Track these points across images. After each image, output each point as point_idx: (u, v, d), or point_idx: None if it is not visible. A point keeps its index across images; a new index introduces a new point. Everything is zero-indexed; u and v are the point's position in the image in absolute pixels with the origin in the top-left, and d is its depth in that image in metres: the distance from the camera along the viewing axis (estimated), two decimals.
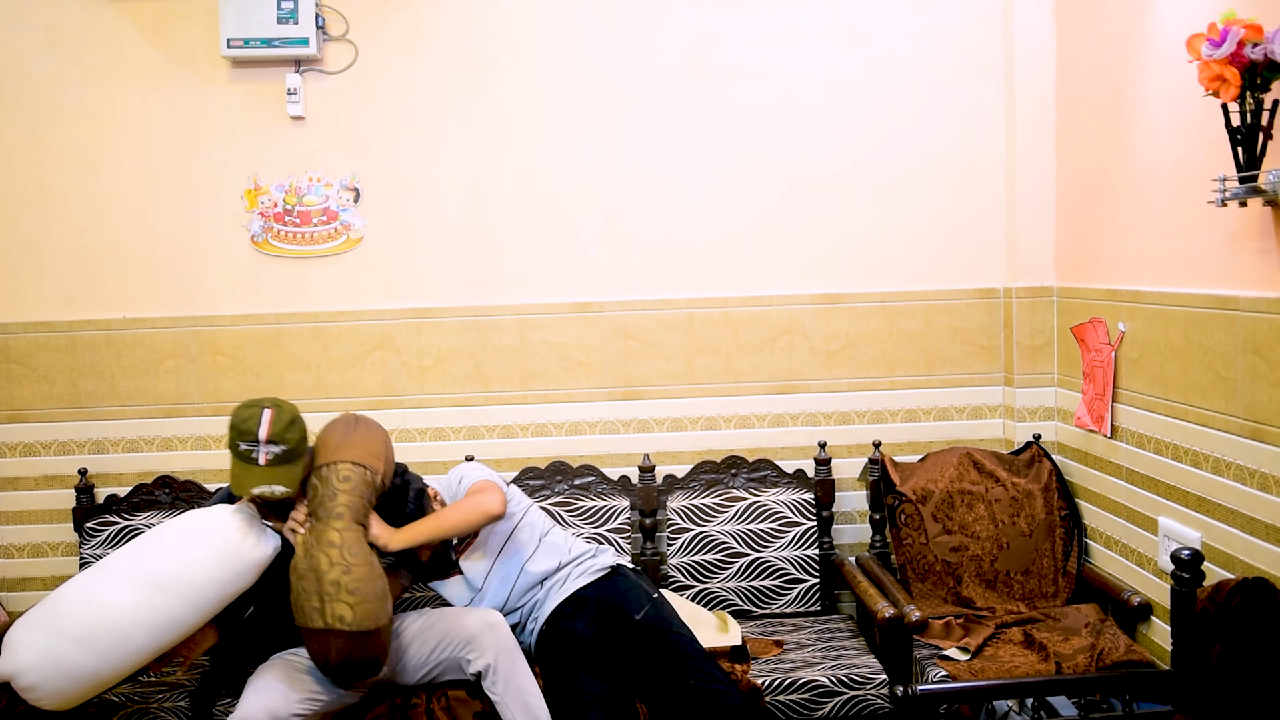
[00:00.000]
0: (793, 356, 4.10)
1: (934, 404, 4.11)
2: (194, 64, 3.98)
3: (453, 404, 4.08)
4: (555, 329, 4.07)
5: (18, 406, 4.03)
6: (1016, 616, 3.57)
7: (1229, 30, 2.52)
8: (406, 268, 4.06)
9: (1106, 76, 3.57)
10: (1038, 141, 3.97)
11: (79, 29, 3.96)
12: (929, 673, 3.26)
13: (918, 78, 4.04)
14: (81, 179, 4.00)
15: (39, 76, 3.97)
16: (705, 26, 4.03)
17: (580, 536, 3.71)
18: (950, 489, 3.83)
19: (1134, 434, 3.45)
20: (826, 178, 4.06)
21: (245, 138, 4.01)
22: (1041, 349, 4.01)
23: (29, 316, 4.02)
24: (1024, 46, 3.95)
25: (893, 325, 4.09)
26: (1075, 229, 3.86)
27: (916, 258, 4.09)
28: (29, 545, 4.06)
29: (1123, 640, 3.28)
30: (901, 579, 3.81)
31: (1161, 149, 3.26)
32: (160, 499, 3.97)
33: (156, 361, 4.04)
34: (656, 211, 4.07)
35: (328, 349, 4.06)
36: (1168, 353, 3.24)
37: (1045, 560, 3.76)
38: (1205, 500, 3.06)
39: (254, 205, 4.02)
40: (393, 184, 4.04)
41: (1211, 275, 3.02)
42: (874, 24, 4.03)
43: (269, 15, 3.84)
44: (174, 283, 4.03)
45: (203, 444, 4.05)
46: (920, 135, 4.05)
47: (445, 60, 4.01)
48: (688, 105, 4.05)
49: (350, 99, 4.01)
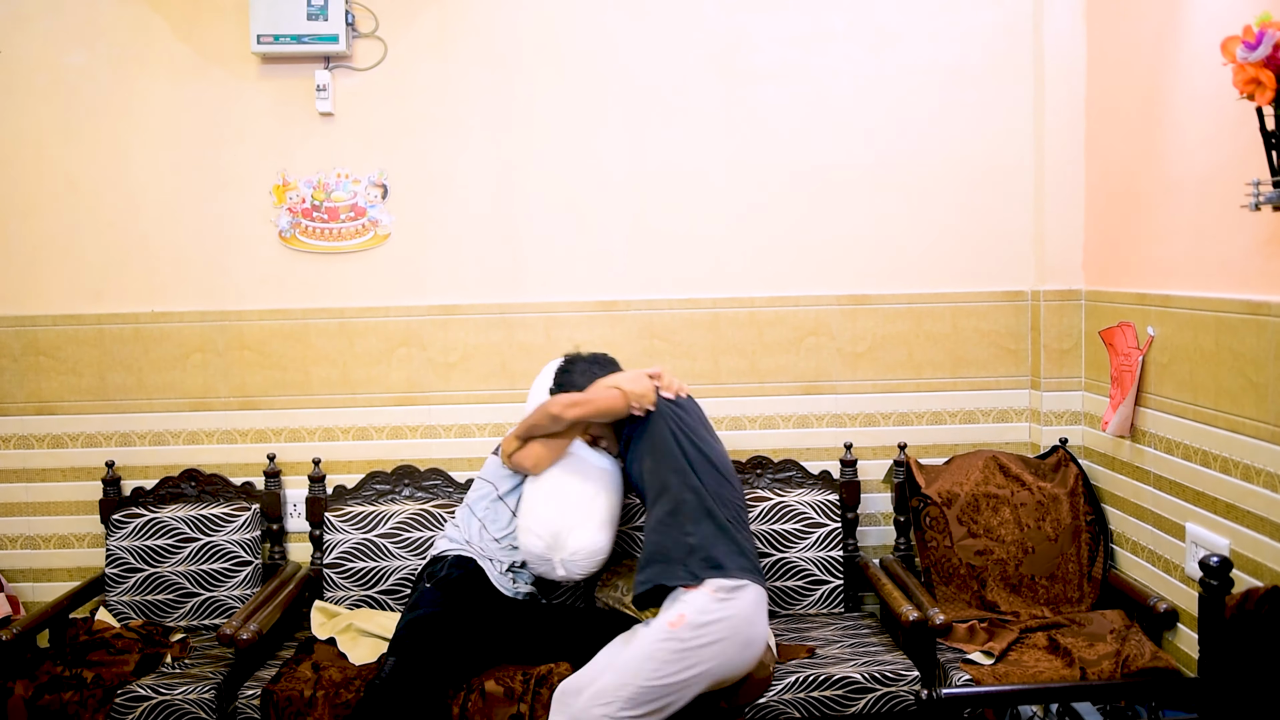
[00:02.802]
0: (819, 357, 4.09)
1: (960, 406, 4.09)
2: (224, 59, 4.00)
3: (479, 401, 4.08)
4: (581, 327, 4.08)
5: (46, 399, 4.06)
6: (1041, 621, 3.55)
7: (1265, 33, 2.49)
8: (433, 264, 4.07)
9: (1138, 78, 3.55)
10: (1067, 143, 3.94)
11: (111, 24, 3.98)
12: (953, 676, 3.24)
13: (946, 79, 4.03)
14: (111, 173, 4.02)
15: (71, 71, 4.00)
16: (733, 26, 4.03)
17: None
18: (975, 492, 3.81)
19: (1162, 439, 3.42)
20: (854, 178, 4.05)
21: (274, 133, 4.03)
22: (1069, 352, 3.99)
23: (58, 309, 4.05)
24: (1054, 48, 3.93)
25: (919, 327, 4.08)
26: (1104, 232, 3.84)
27: (944, 259, 4.07)
28: (55, 536, 4.09)
29: (1148, 647, 3.25)
30: (926, 582, 3.79)
31: (1193, 152, 3.23)
32: (186, 492, 3.99)
33: (184, 355, 4.06)
34: (683, 211, 4.06)
35: (354, 344, 4.07)
36: (1198, 358, 3.21)
37: (1070, 565, 3.74)
38: (1234, 507, 3.04)
39: (282, 201, 4.04)
40: (420, 181, 4.05)
41: (1243, 280, 3.00)
42: (903, 25, 4.02)
43: (299, 11, 3.86)
44: (202, 277, 4.06)
45: (229, 437, 4.08)
46: (949, 137, 4.03)
47: (474, 58, 4.02)
48: (716, 105, 4.04)
49: (379, 96, 4.03)
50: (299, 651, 3.55)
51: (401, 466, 4.04)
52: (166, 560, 3.85)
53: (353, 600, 3.83)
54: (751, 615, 3.05)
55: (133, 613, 3.83)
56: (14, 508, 4.08)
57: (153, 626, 3.75)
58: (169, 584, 3.84)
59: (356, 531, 3.87)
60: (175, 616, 3.84)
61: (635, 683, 2.95)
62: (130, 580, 3.84)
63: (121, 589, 3.84)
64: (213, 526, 3.89)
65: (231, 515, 3.92)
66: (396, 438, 4.09)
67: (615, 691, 2.94)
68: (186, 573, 3.85)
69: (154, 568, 3.84)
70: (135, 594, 3.84)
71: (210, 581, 3.85)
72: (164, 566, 3.85)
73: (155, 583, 3.84)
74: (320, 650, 3.54)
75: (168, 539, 3.86)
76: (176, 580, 3.84)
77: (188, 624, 3.84)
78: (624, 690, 2.94)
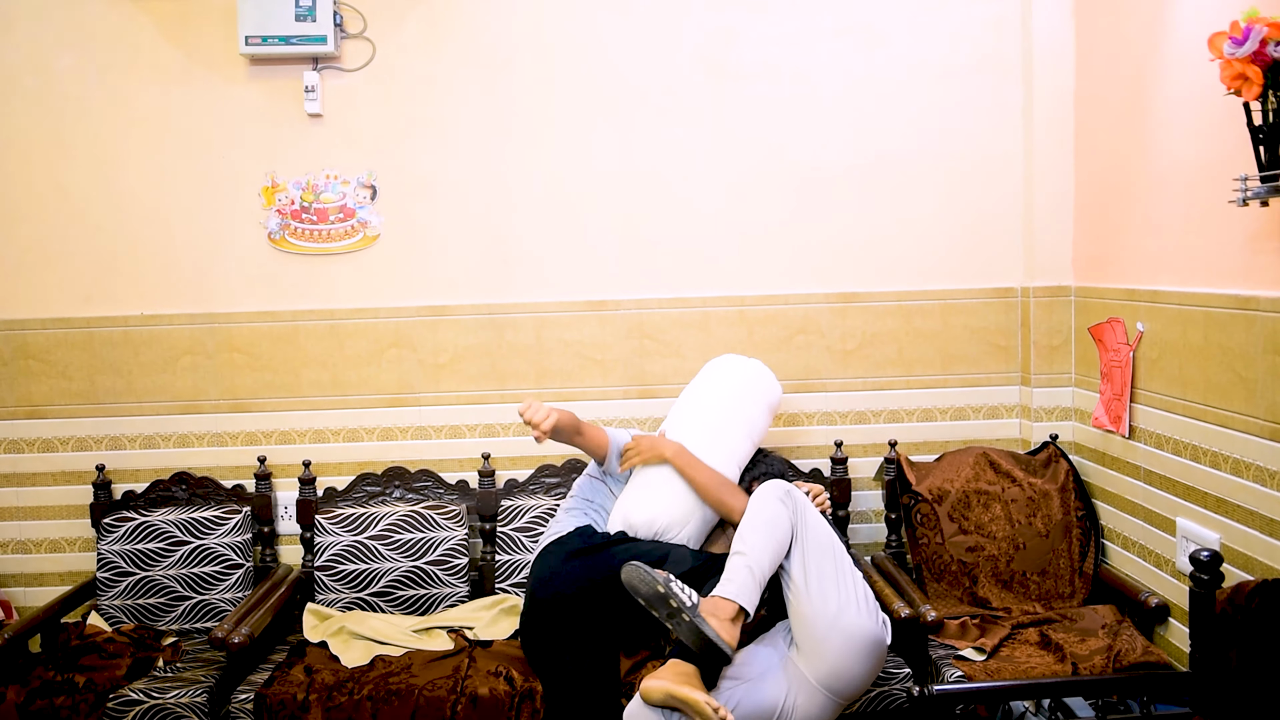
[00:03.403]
0: (809, 355, 4.09)
1: (950, 403, 4.10)
2: (212, 61, 3.99)
3: (469, 401, 4.08)
4: (571, 327, 4.07)
5: (36, 402, 4.05)
6: (1033, 617, 3.56)
7: (1251, 28, 2.50)
8: (423, 265, 4.06)
9: (1126, 75, 3.56)
10: (1056, 140, 3.95)
11: (98, 27, 3.97)
12: (945, 673, 3.25)
13: (935, 76, 4.03)
14: (100, 176, 4.01)
15: (58, 74, 3.98)
16: (722, 25, 4.03)
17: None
18: (966, 489, 3.82)
19: (1152, 434, 3.43)
20: (843, 176, 4.05)
21: (263, 135, 4.02)
22: (1059, 349, 4.00)
23: (47, 313, 4.04)
24: (1042, 44, 3.93)
25: (909, 324, 4.08)
26: (1093, 228, 3.85)
27: (933, 257, 4.08)
28: (46, 541, 4.08)
29: (1140, 642, 3.26)
30: (917, 579, 3.80)
31: (1181, 148, 3.24)
32: (177, 495, 3.99)
33: (174, 358, 4.05)
34: (673, 210, 4.06)
35: (344, 346, 4.07)
36: (1187, 353, 3.22)
37: (1062, 561, 3.74)
38: (1224, 501, 3.05)
39: (271, 202, 4.03)
40: (409, 182, 4.04)
41: (1232, 275, 3.01)
42: (891, 23, 4.02)
43: (287, 13, 3.85)
44: (191, 280, 4.05)
45: (219, 440, 4.07)
46: (938, 134, 4.04)
47: (462, 58, 4.02)
48: (705, 104, 4.04)
49: (368, 97, 4.02)
50: (291, 655, 3.54)
51: (392, 468, 4.03)
52: (158, 564, 3.84)
53: (345, 603, 3.82)
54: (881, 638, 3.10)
55: (124, 617, 3.82)
56: (4, 512, 4.07)
57: (144, 630, 3.74)
58: (160, 587, 3.83)
59: (347, 534, 3.86)
60: (167, 620, 3.83)
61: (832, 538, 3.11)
62: (122, 584, 3.83)
63: (113, 593, 3.83)
64: (204, 529, 3.88)
65: (222, 518, 3.91)
66: (387, 439, 4.09)
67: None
68: (178, 576, 3.84)
69: (145, 571, 3.83)
70: (127, 598, 3.83)
71: (202, 585, 3.85)
72: (155, 570, 3.84)
73: (147, 586, 3.83)
74: (312, 653, 3.53)
75: (159, 542, 3.86)
76: (168, 584, 3.83)
77: (179, 628, 3.82)
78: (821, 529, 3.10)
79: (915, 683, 3.27)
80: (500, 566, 3.87)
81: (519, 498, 3.98)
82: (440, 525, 3.88)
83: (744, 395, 3.67)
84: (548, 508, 3.88)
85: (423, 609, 3.83)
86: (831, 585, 3.01)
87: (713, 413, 3.61)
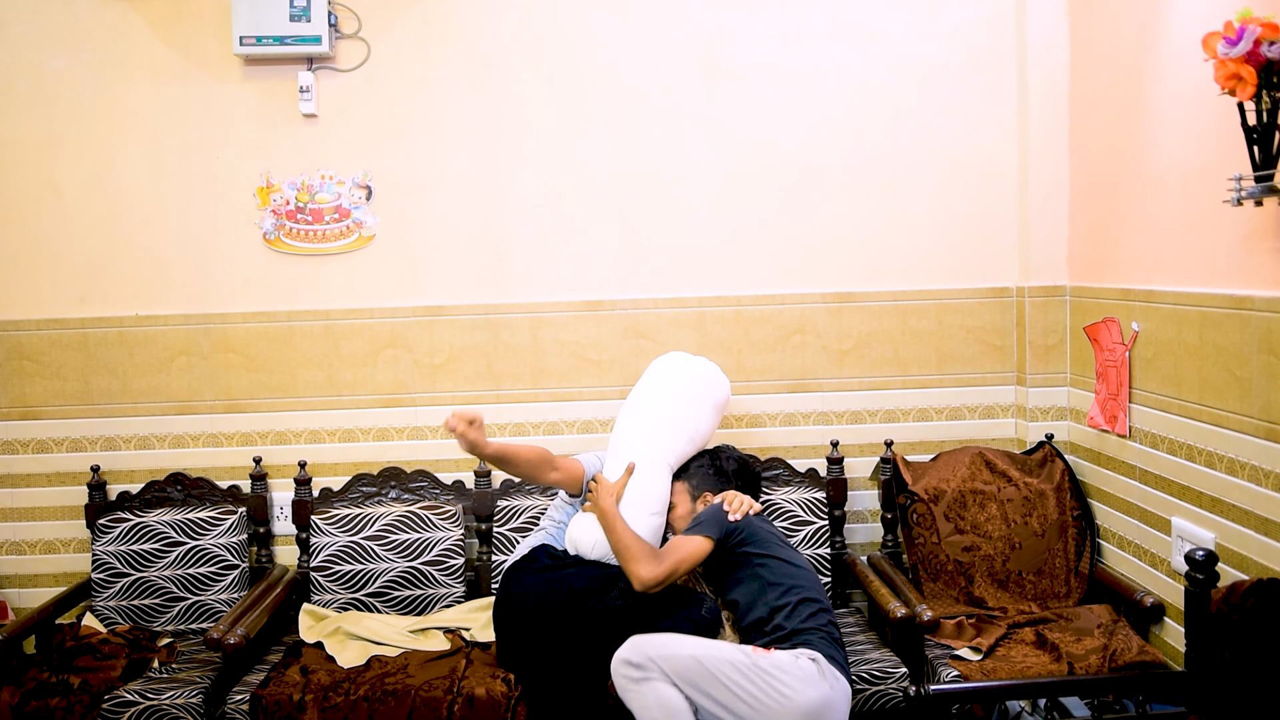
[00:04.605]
0: (805, 355, 4.09)
1: (946, 403, 4.10)
2: (206, 62, 3.98)
3: (465, 402, 4.07)
4: (567, 327, 4.07)
5: (30, 403, 4.04)
6: (1029, 617, 3.56)
7: (1245, 28, 2.51)
8: (418, 265, 4.06)
9: (1120, 74, 3.56)
10: (1051, 140, 3.95)
11: (92, 27, 3.96)
12: (941, 672, 3.25)
13: (930, 76, 4.03)
14: (94, 176, 4.00)
15: (52, 74, 3.98)
16: (717, 24, 4.03)
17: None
18: (962, 488, 3.82)
19: (1147, 434, 3.43)
20: (839, 176, 4.05)
21: (257, 135, 4.01)
22: (1054, 348, 4.00)
23: (41, 314, 4.03)
24: (1037, 44, 3.94)
25: (905, 324, 4.08)
26: (1088, 228, 3.85)
27: (929, 257, 4.08)
28: (41, 542, 4.07)
29: (1135, 641, 3.26)
30: (913, 578, 3.80)
31: (1176, 147, 3.25)
32: (172, 496, 3.98)
33: (168, 359, 4.05)
34: (668, 209, 4.06)
35: (339, 347, 4.06)
36: (1182, 352, 3.22)
37: (1057, 560, 3.75)
38: (1219, 501, 3.05)
39: (266, 203, 4.03)
40: (405, 182, 4.04)
41: (1226, 275, 3.01)
42: (886, 22, 4.02)
43: (282, 13, 3.84)
44: (186, 280, 4.04)
45: (214, 441, 4.06)
46: (933, 134, 4.04)
47: (457, 58, 4.01)
48: (699, 103, 4.04)
49: (362, 97, 4.02)
50: (287, 655, 3.54)
51: (388, 468, 4.03)
52: (153, 564, 3.84)
53: (340, 603, 3.82)
54: (824, 704, 2.96)
55: (119, 618, 3.81)
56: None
57: (140, 631, 3.74)
58: (156, 588, 3.83)
59: (343, 534, 3.86)
60: (162, 621, 3.82)
61: (701, 663, 2.94)
62: (117, 585, 3.83)
63: (108, 594, 3.82)
64: (199, 530, 3.88)
65: (218, 519, 3.91)
66: (382, 439, 4.08)
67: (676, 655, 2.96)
68: (173, 577, 3.84)
69: (140, 572, 3.83)
70: (122, 599, 3.82)
71: (197, 585, 3.84)
72: (150, 571, 3.83)
73: (142, 587, 3.83)
74: (308, 654, 3.53)
75: (154, 543, 3.85)
76: (163, 584, 3.83)
77: (175, 628, 3.82)
78: (683, 660, 2.95)
79: (911, 682, 3.27)
80: (496, 567, 3.87)
81: (515, 498, 3.97)
82: (436, 526, 3.88)
83: (687, 396, 3.62)
84: (543, 508, 3.87)
85: (419, 609, 3.83)
86: (753, 689, 2.91)
87: (651, 417, 3.57)
